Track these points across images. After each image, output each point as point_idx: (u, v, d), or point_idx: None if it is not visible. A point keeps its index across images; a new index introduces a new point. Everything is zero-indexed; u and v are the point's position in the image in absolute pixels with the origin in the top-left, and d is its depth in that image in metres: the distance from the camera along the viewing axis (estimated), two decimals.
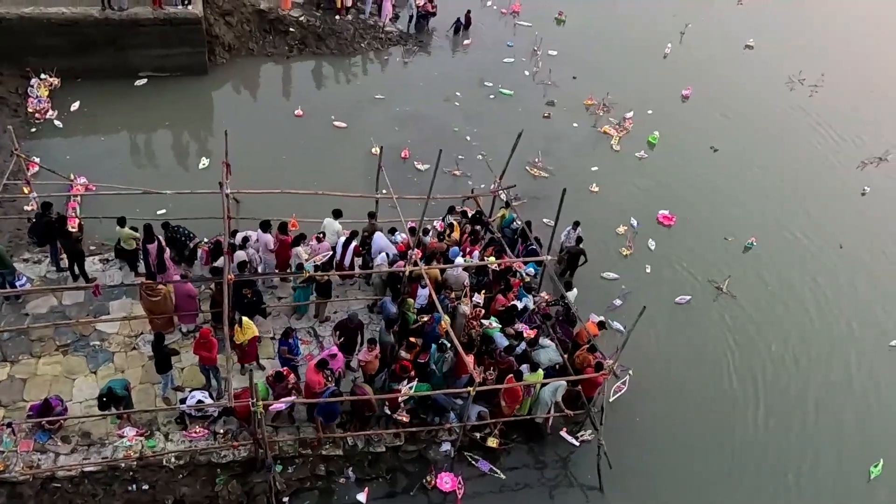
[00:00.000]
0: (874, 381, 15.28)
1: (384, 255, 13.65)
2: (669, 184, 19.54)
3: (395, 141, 18.89)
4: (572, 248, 15.42)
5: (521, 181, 17.51)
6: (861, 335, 16.22)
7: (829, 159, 21.86)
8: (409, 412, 11.88)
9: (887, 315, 16.80)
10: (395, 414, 11.75)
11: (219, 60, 20.76)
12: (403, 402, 11.77)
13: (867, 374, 15.40)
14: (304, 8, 22.68)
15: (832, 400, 14.72)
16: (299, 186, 14.49)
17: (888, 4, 32.54)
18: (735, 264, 17.38)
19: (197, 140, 18.48)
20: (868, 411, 14.64)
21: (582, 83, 22.99)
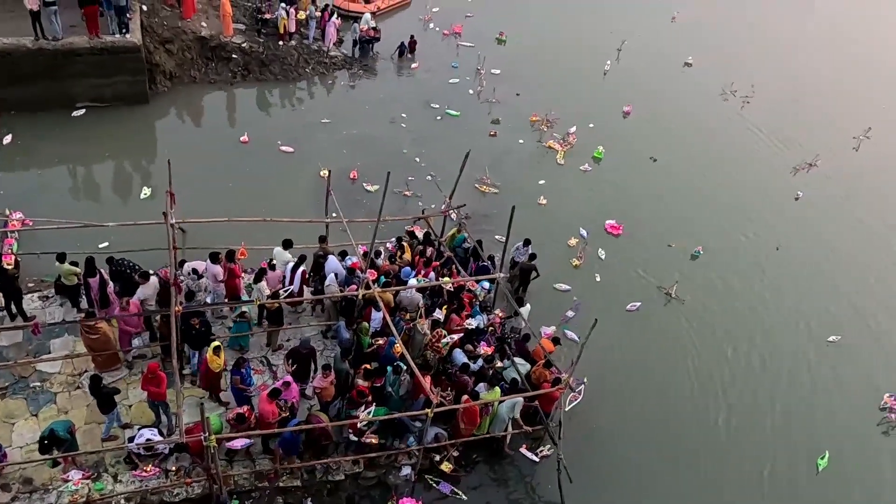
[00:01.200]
0: (815, 375, 15.91)
1: (333, 276, 13.54)
2: (614, 195, 20.06)
3: (344, 164, 18.91)
4: (524, 264, 15.58)
5: (470, 199, 17.64)
6: (802, 332, 16.90)
7: (764, 166, 22.80)
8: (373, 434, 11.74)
9: (823, 312, 17.54)
10: (363, 438, 11.58)
11: (160, 89, 20.42)
12: (368, 426, 11.62)
13: (808, 369, 16.02)
14: (246, 34, 22.54)
15: (779, 396, 15.24)
16: (247, 214, 14.26)
17: (812, 19, 34.29)
18: (682, 270, 17.86)
19: (139, 170, 18.07)
20: (811, 405, 15.21)
21: (526, 100, 23.50)
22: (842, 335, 16.85)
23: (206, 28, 21.73)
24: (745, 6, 34.45)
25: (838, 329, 17.02)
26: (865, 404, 15.46)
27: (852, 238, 20.22)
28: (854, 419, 15.06)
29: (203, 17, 22.05)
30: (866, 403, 15.48)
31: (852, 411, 15.22)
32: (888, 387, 15.77)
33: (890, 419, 15.17)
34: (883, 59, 31.82)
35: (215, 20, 22.09)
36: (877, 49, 32.70)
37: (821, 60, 30.38)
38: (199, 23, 21.75)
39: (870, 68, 30.63)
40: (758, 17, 33.50)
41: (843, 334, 16.87)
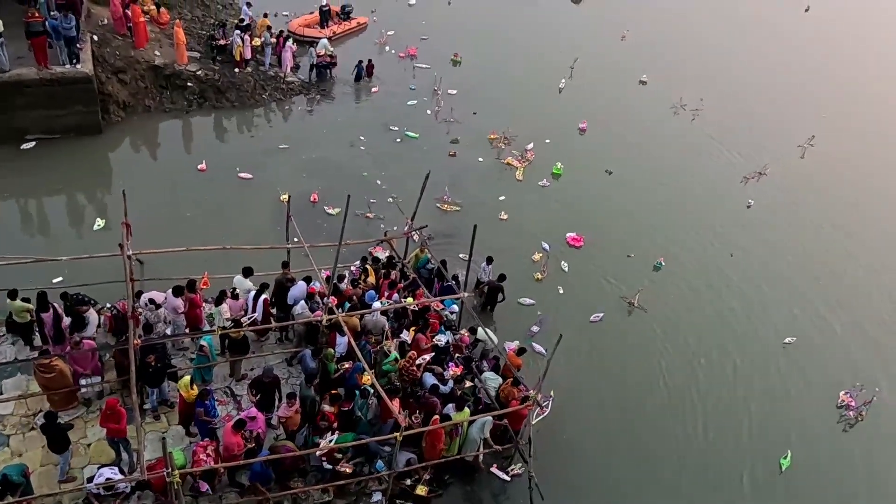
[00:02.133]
0: (773, 377, 16.31)
1: (303, 303, 13.40)
2: (574, 208, 20.44)
3: (304, 188, 18.83)
4: (492, 284, 15.69)
5: (432, 219, 17.76)
6: (758, 336, 17.37)
7: (716, 177, 23.46)
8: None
9: (778, 315, 18.07)
10: (337, 466, 11.38)
11: (114, 119, 20.09)
12: (341, 453, 11.44)
13: (767, 370, 16.45)
14: (201, 62, 22.38)
15: (743, 400, 15.58)
16: (206, 242, 14.05)
17: (753, 35, 35.55)
18: (644, 281, 18.21)
19: (93, 202, 17.71)
20: (771, 407, 15.57)
21: (483, 118, 23.83)
22: (797, 336, 17.38)
23: (159, 56, 21.50)
24: (690, 24, 35.61)
25: (794, 331, 17.55)
26: (824, 403, 15.91)
27: (802, 242, 20.93)
28: (814, 418, 15.47)
29: (157, 46, 21.83)
30: (825, 402, 15.94)
31: (812, 411, 15.64)
32: (843, 384, 16.31)
33: (848, 416, 15.62)
34: (822, 69, 33.16)
35: (169, 49, 21.89)
36: (815, 61, 34.08)
37: (763, 73, 31.52)
38: (153, 51, 21.53)
39: (810, 80, 31.89)
40: (702, 34, 34.67)
41: (798, 335, 17.41)
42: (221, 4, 27.43)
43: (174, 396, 12.18)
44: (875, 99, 31.06)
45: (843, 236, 21.62)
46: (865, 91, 31.65)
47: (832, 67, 33.67)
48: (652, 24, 34.27)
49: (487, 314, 16.12)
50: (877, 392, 16.00)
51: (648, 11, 35.91)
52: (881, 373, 16.86)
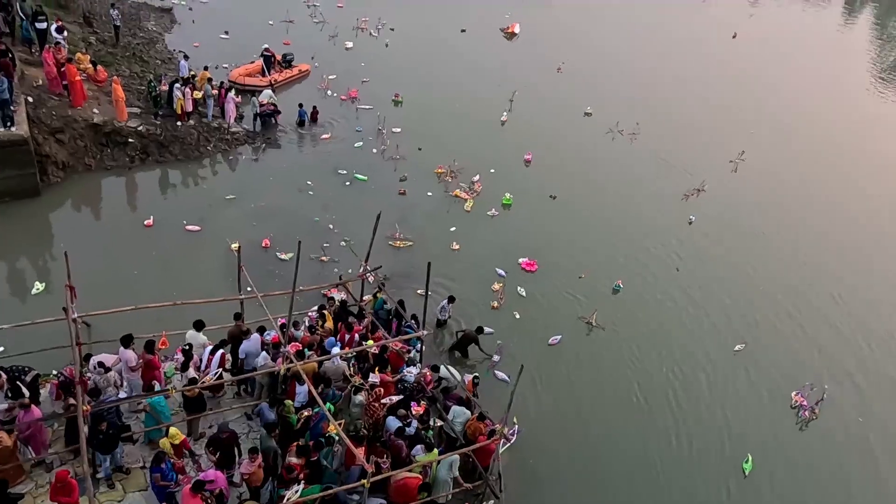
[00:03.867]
0: (727, 383, 16.88)
1: (265, 353, 13.15)
2: (524, 235, 20.92)
3: (254, 236, 18.69)
4: (468, 332, 15.76)
5: (386, 258, 17.83)
6: (711, 344, 17.97)
7: (658, 196, 24.32)
8: None
9: (726, 324, 18.78)
10: None
11: (52, 180, 19.59)
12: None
13: (721, 378, 16.99)
14: (142, 117, 22.09)
15: (699, 407, 16.07)
16: (156, 299, 13.70)
17: (686, 60, 37.21)
18: (599, 299, 18.68)
19: (34, 266, 17.10)
20: (727, 412, 16.04)
21: (429, 154, 24.21)
22: (746, 343, 18.04)
23: (98, 114, 21.15)
24: (621, 54, 37.13)
25: (742, 338, 18.24)
26: (778, 405, 16.51)
27: (743, 252, 21.89)
28: (770, 420, 16.06)
29: (95, 104, 21.48)
30: (778, 404, 16.54)
31: (768, 413, 16.24)
32: (794, 385, 16.96)
33: (803, 416, 16.17)
34: (748, 90, 35.08)
35: (108, 106, 21.57)
36: (742, 82, 36.03)
37: (694, 96, 33.19)
38: (91, 109, 21.17)
39: (737, 100, 33.69)
40: (633, 63, 36.22)
41: (746, 342, 18.07)
42: (160, 59, 27.31)
43: (129, 462, 11.70)
44: (796, 114, 33.05)
45: (780, 244, 22.71)
46: (787, 108, 33.63)
47: (757, 88, 35.61)
48: (585, 56, 35.64)
49: (455, 356, 16.17)
50: (826, 390, 16.68)
51: (581, 44, 37.39)
52: (828, 371, 17.65)
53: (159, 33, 30.07)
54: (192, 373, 12.51)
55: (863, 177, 28.32)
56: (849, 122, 33.69)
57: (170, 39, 29.75)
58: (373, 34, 34.42)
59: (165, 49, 28.63)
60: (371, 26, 34.90)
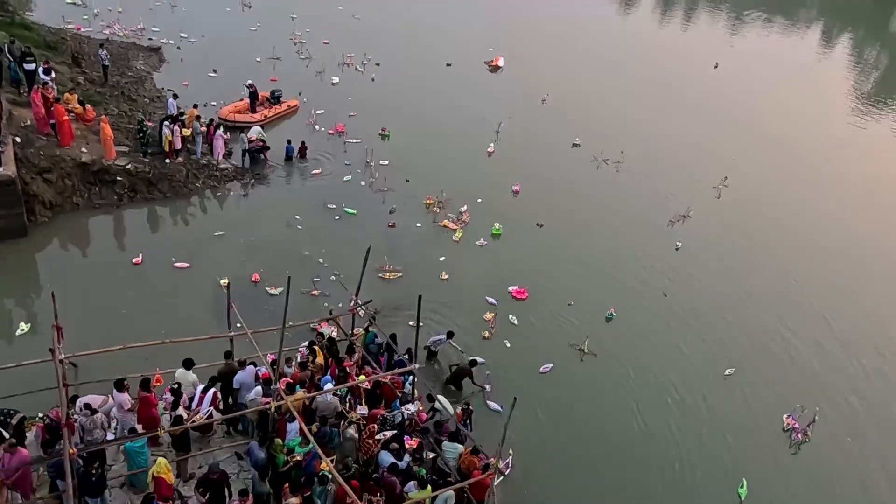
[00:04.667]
0: (719, 407, 16.90)
1: (259, 388, 13.02)
2: (514, 264, 21.02)
3: (244, 272, 18.69)
4: (463, 367, 15.73)
5: (377, 291, 17.83)
6: (701, 369, 18.06)
7: (645, 223, 24.58)
8: None
9: (715, 348, 18.89)
10: None
11: (40, 219, 19.52)
12: None
13: (713, 402, 17.03)
14: (130, 156, 22.14)
15: (693, 433, 16.06)
16: (144, 337, 13.56)
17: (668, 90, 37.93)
18: (591, 327, 18.73)
19: (21, 307, 16.94)
20: (720, 437, 16.07)
21: (417, 185, 24.40)
22: (735, 367, 18.13)
23: (86, 153, 21.18)
24: (604, 84, 37.80)
25: (732, 362, 18.34)
26: (770, 428, 16.56)
27: (729, 276, 22.10)
28: (764, 444, 16.10)
29: (83, 143, 21.53)
30: (771, 427, 16.60)
31: (760, 437, 16.28)
32: (785, 408, 17.04)
33: (796, 438, 16.22)
34: (729, 118, 35.73)
35: (96, 145, 21.62)
36: (723, 111, 36.71)
37: (677, 124, 33.71)
38: (80, 149, 21.21)
39: (719, 127, 34.35)
40: (616, 93, 36.88)
41: (736, 366, 18.16)
42: (148, 98, 27.49)
43: None
44: (777, 140, 33.65)
45: (767, 267, 22.92)
46: (769, 134, 34.25)
47: (739, 115, 36.28)
48: (569, 87, 36.21)
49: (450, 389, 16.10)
50: (817, 411, 16.73)
51: (564, 75, 37.99)
52: (819, 393, 17.74)
53: (148, 72, 30.31)
54: (182, 411, 12.34)
55: (846, 200, 28.79)
56: (829, 146, 34.38)
57: (158, 78, 29.99)
58: (358, 69, 34.86)
59: (154, 88, 28.84)
60: (357, 62, 35.36)
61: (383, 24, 42.53)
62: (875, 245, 25.72)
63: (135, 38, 33.78)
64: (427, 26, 44.40)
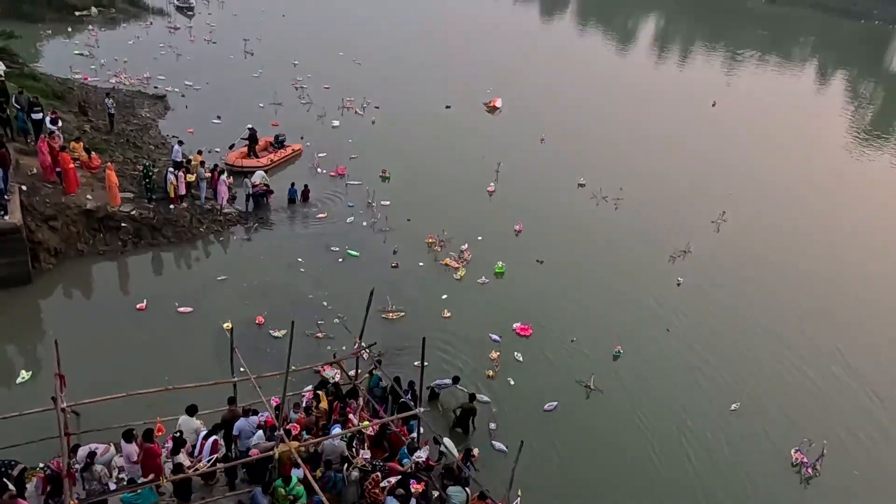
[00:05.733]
0: (727, 443, 16.66)
1: (260, 432, 12.87)
2: (517, 302, 21.01)
3: (248, 315, 18.68)
4: (465, 405, 15.58)
5: (379, 332, 17.79)
6: (707, 405, 17.84)
7: (645, 259, 24.62)
8: None
9: (719, 383, 18.71)
10: None
11: (44, 266, 19.60)
12: None
13: (720, 439, 16.78)
14: (135, 202, 22.35)
15: (702, 470, 15.81)
16: (147, 384, 13.47)
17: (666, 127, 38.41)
18: (595, 363, 18.62)
19: (23, 355, 16.85)
20: (730, 473, 15.79)
21: (418, 224, 24.59)
22: (740, 402, 17.93)
23: (91, 200, 21.40)
24: (601, 123, 38.36)
25: (737, 397, 18.15)
26: (779, 463, 16.29)
27: (730, 312, 22.06)
28: (773, 480, 15.80)
29: (88, 190, 21.78)
30: (779, 463, 16.33)
31: (769, 473, 15.99)
32: (792, 442, 16.79)
33: (806, 472, 15.96)
34: (726, 154, 36.25)
35: (101, 191, 21.86)
36: (720, 147, 37.26)
37: (674, 160, 34.24)
38: (85, 196, 21.44)
39: (715, 163, 34.81)
40: (614, 131, 37.44)
41: (741, 401, 17.98)
42: (153, 145, 27.89)
43: None
44: (774, 174, 34.07)
45: (768, 301, 22.90)
46: (766, 169, 34.67)
47: (736, 151, 36.68)
48: (567, 126, 36.79)
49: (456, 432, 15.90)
50: (825, 445, 16.47)
51: (562, 115, 38.62)
52: (825, 427, 17.47)
53: (153, 119, 30.85)
54: (182, 458, 12.17)
55: (846, 232, 28.99)
56: (827, 181, 34.73)
57: (163, 125, 30.52)
58: (358, 112, 35.46)
59: (159, 134, 29.34)
60: (356, 105, 35.96)
61: (383, 69, 43.44)
62: (876, 277, 25.69)
63: (141, 87, 34.55)
64: (427, 68, 45.38)
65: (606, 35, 69.74)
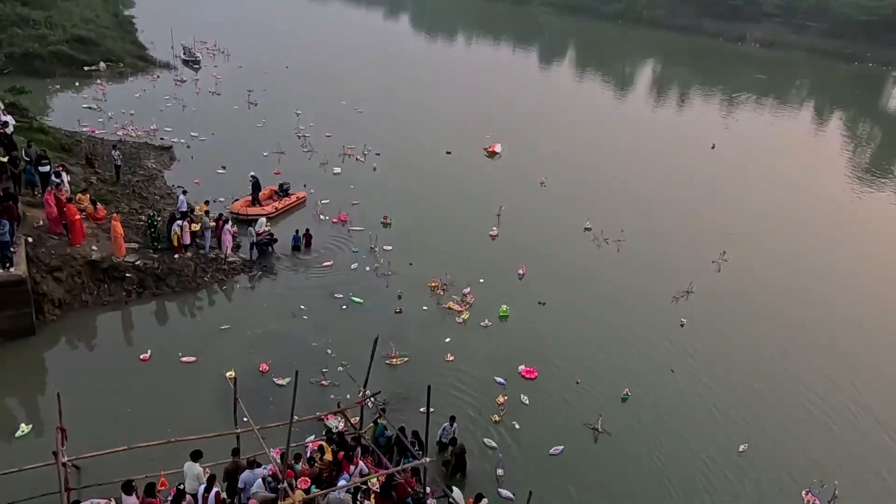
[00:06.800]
0: (737, 486, 16.34)
1: (260, 481, 12.66)
2: (521, 344, 20.85)
3: (251, 364, 18.57)
4: (460, 450, 15.35)
5: (384, 378, 17.71)
6: (715, 447, 17.54)
7: (648, 300, 24.52)
8: None
9: (727, 425, 18.45)
10: None
11: (48, 318, 19.57)
12: None
13: (730, 481, 16.47)
14: (139, 252, 22.46)
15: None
16: (150, 436, 13.34)
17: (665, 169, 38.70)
18: (601, 405, 18.41)
19: (24, 408, 16.69)
20: None
21: (421, 269, 24.58)
22: (748, 443, 17.67)
23: (96, 251, 21.52)
24: (601, 165, 38.78)
25: (744, 438, 17.87)
26: None
27: (735, 352, 21.84)
28: None
29: (93, 241, 21.93)
30: None
31: None
32: (802, 484, 16.48)
33: None
34: (725, 195, 36.54)
35: (106, 242, 22.00)
36: (719, 188, 37.58)
37: (674, 202, 34.49)
38: (90, 247, 21.58)
39: (715, 204, 35.04)
40: (613, 173, 37.84)
41: (749, 442, 17.71)
42: (159, 195, 28.19)
43: None
44: (770, 214, 34.36)
45: (771, 340, 22.74)
46: (762, 208, 34.99)
47: (734, 192, 37.07)
48: (566, 169, 37.18)
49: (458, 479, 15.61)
50: (836, 485, 16.17)
51: (561, 158, 39.10)
52: (836, 468, 17.15)
53: (159, 170, 31.27)
54: None
55: (844, 270, 28.95)
56: (827, 219, 34.86)
57: (169, 175, 30.91)
58: (359, 159, 35.90)
59: (165, 185, 29.69)
60: (357, 152, 36.45)
61: (385, 116, 44.20)
62: (885, 312, 25.55)
63: (147, 139, 35.13)
64: (428, 114, 46.17)
65: (604, 80, 71.03)
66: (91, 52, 48.45)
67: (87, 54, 47.87)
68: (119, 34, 57.40)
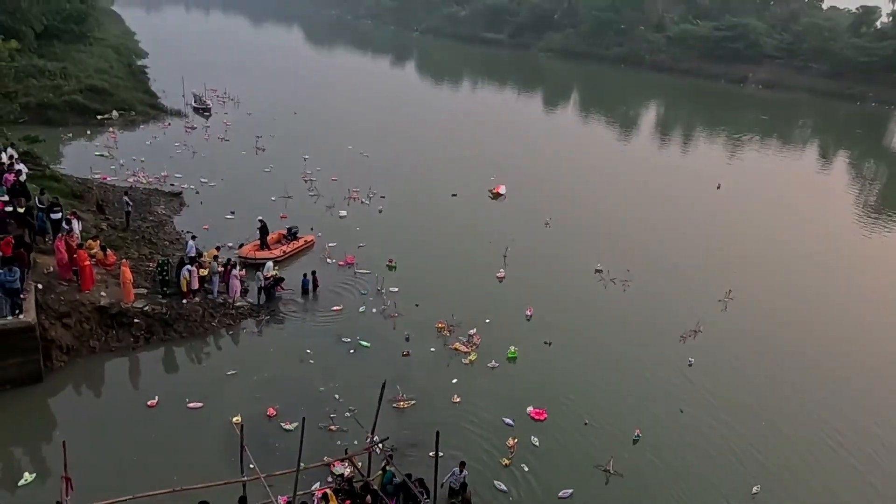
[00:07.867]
0: None
1: None
2: (529, 385, 20.63)
3: (258, 409, 18.44)
4: (466, 496, 15.11)
5: (391, 423, 17.51)
6: (728, 488, 17.21)
7: (657, 340, 24.30)
8: None
9: (739, 466, 18.09)
10: None
11: (56, 364, 19.56)
12: None
13: None
14: (148, 297, 22.55)
15: None
16: (156, 485, 13.23)
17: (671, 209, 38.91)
18: (612, 446, 18.10)
19: (29, 456, 16.56)
20: None
21: (428, 310, 24.49)
22: (761, 484, 17.29)
23: (105, 297, 21.62)
24: (607, 205, 38.98)
25: (757, 479, 17.51)
26: None
27: (744, 392, 21.50)
28: None
29: (103, 287, 22.04)
30: None
31: None
32: None
33: None
34: (730, 234, 36.58)
35: (115, 288, 22.12)
36: (724, 228, 37.61)
37: (680, 242, 34.59)
38: (99, 293, 21.68)
39: (720, 243, 35.08)
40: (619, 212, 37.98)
41: (761, 483, 17.34)
42: (168, 241, 28.44)
43: None
44: (775, 253, 34.25)
45: (780, 379, 22.39)
46: (767, 248, 34.86)
47: (740, 230, 37.06)
48: (571, 210, 37.38)
49: None
50: None
51: (565, 199, 39.34)
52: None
53: (168, 216, 31.63)
54: None
55: (852, 309, 28.64)
56: (831, 258, 34.64)
57: (178, 221, 31.25)
58: (364, 202, 36.21)
59: (174, 230, 29.99)
60: (362, 195, 36.78)
61: (390, 159, 44.77)
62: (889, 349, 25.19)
63: (157, 185, 35.65)
64: (433, 156, 46.74)
65: (608, 122, 71.85)
66: (104, 101, 49.63)
67: (100, 103, 49.03)
68: (132, 83, 58.87)
